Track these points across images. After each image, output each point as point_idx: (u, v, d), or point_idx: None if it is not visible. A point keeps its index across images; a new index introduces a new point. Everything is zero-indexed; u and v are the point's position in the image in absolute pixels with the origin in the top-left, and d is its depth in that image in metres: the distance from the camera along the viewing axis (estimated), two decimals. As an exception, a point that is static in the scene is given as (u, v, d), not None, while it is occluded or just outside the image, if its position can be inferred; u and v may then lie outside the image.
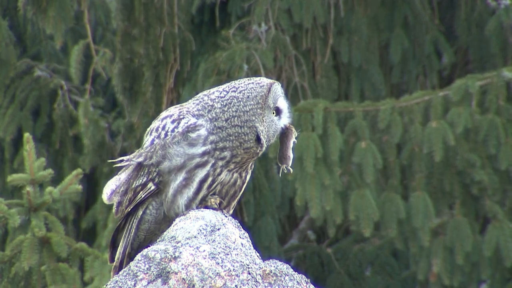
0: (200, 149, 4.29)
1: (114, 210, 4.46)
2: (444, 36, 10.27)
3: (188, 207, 4.29)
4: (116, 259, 4.44)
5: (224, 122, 4.29)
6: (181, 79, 10.04)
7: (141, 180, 4.36)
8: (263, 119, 4.32)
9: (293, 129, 4.47)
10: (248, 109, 4.31)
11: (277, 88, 4.37)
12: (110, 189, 4.44)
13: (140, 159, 4.37)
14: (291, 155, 4.46)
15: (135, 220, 4.40)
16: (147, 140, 4.39)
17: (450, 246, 9.03)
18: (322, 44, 10.02)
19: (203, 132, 4.29)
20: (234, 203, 4.42)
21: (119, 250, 4.43)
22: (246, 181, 4.41)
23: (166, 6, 9.86)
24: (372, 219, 8.90)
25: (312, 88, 9.99)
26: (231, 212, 4.42)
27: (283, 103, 4.40)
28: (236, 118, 4.30)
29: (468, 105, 8.97)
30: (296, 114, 9.07)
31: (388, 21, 10.17)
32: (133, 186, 4.38)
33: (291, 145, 4.46)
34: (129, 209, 4.38)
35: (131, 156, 4.45)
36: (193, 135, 4.29)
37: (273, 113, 4.38)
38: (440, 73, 10.52)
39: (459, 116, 8.93)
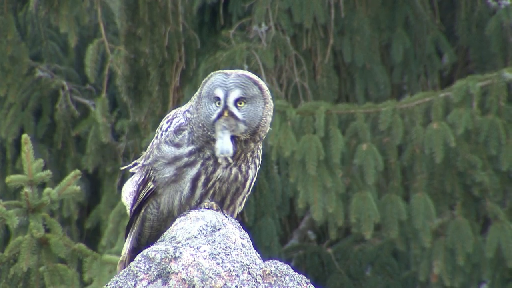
0: (186, 149, 4.26)
1: (128, 210, 4.48)
2: (445, 36, 10.27)
3: (185, 205, 4.28)
4: (122, 253, 4.45)
5: (195, 122, 4.26)
6: (187, 78, 10.03)
7: (142, 179, 4.38)
8: (202, 111, 4.22)
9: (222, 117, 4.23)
10: (200, 106, 4.25)
11: (217, 78, 4.22)
12: (128, 192, 4.47)
13: (144, 161, 4.42)
14: (226, 144, 4.22)
15: (139, 219, 4.42)
16: (151, 141, 4.43)
17: (451, 247, 9.02)
18: (323, 44, 10.02)
19: (187, 132, 4.28)
20: (240, 200, 4.35)
21: (125, 245, 4.44)
22: (250, 177, 4.32)
23: (170, 5, 9.85)
24: (373, 222, 8.90)
25: (312, 89, 9.99)
26: (240, 209, 4.37)
27: (219, 92, 4.21)
28: (196, 117, 4.26)
29: (469, 106, 8.96)
30: (298, 116, 9.06)
31: (389, 21, 10.17)
32: (136, 185, 4.42)
33: (222, 134, 4.23)
34: (135, 207, 4.41)
35: (139, 159, 4.49)
36: (180, 135, 4.28)
37: (217, 104, 4.22)
38: (440, 73, 10.53)
39: (460, 117, 8.92)
